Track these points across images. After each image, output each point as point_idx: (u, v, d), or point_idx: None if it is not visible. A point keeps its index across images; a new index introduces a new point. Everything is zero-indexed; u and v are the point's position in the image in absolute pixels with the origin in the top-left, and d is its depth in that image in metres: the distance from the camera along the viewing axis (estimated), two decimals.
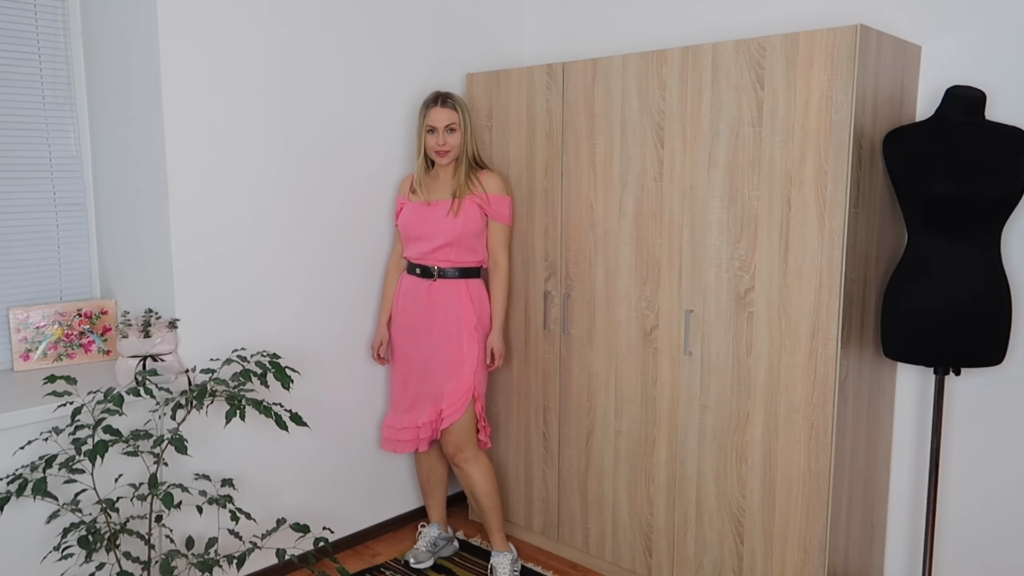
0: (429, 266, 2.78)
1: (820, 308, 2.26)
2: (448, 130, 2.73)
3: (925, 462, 2.59)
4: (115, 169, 2.68)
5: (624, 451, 2.76)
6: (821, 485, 2.31)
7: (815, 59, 2.19)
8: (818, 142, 2.21)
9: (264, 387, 2.53)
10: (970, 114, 2.23)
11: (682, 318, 2.55)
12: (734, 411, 2.46)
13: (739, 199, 2.39)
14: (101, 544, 2.15)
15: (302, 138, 2.77)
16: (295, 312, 2.82)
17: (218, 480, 2.60)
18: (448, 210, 2.73)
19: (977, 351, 2.22)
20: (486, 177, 2.79)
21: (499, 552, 2.85)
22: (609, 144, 2.67)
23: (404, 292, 2.86)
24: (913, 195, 2.23)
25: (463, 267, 2.78)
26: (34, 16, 2.61)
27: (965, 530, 2.54)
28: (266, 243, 2.72)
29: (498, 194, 2.79)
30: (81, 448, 2.11)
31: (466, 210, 2.73)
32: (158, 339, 2.42)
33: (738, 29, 2.84)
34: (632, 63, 2.58)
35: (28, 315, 2.60)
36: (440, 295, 2.77)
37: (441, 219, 2.74)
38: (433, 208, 2.76)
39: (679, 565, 2.66)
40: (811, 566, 2.36)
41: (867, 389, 2.44)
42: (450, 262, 2.77)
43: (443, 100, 2.74)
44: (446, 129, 2.73)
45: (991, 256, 2.21)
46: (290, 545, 2.78)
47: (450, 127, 2.73)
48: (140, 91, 2.50)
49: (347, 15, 2.85)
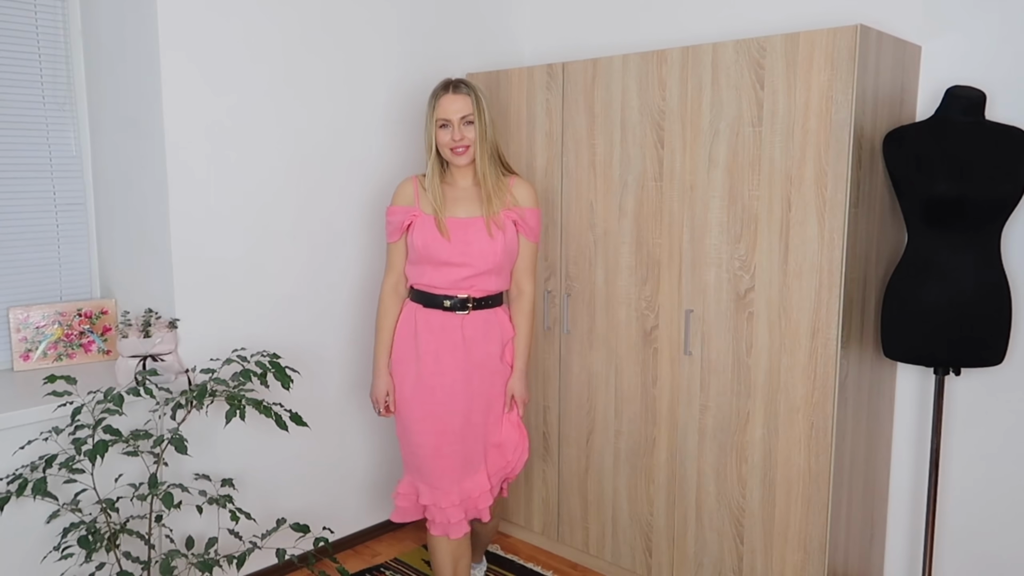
0: (463, 297, 2.30)
1: (820, 308, 2.26)
2: (464, 123, 2.26)
3: (925, 462, 2.59)
4: (115, 169, 2.68)
5: (624, 451, 2.76)
6: (821, 485, 2.31)
7: (815, 59, 2.19)
8: (818, 142, 2.21)
9: (264, 387, 2.53)
10: (970, 114, 2.23)
11: (682, 318, 2.55)
12: (734, 411, 2.46)
13: (739, 199, 2.39)
14: (101, 544, 2.14)
15: (302, 138, 2.77)
16: (295, 312, 2.82)
17: (218, 480, 2.60)
18: (483, 228, 2.28)
19: (977, 351, 2.22)
20: (517, 185, 2.36)
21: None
22: (609, 144, 2.67)
23: (423, 331, 2.33)
24: (913, 195, 2.23)
25: (498, 293, 2.36)
26: (34, 16, 2.61)
27: (965, 530, 2.54)
28: (266, 243, 2.72)
29: (531, 207, 2.36)
30: (81, 448, 2.11)
31: (507, 228, 2.29)
32: (158, 339, 2.42)
33: (738, 29, 2.84)
34: (632, 63, 2.58)
35: (28, 315, 2.60)
36: (478, 330, 2.32)
37: (477, 240, 2.27)
38: (464, 226, 2.28)
39: (679, 565, 2.66)
40: (811, 566, 2.36)
41: (867, 389, 2.44)
42: (487, 291, 2.31)
43: (455, 87, 2.28)
44: (462, 122, 2.26)
45: (991, 256, 2.21)
46: (290, 545, 2.78)
47: (466, 119, 2.26)
48: (140, 91, 2.50)
49: (347, 15, 2.85)
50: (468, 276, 2.29)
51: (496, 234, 2.28)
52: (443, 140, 2.28)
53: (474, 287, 2.30)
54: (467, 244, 2.27)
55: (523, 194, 2.36)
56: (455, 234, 2.28)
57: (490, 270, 2.29)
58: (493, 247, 2.27)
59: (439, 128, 2.29)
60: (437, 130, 2.30)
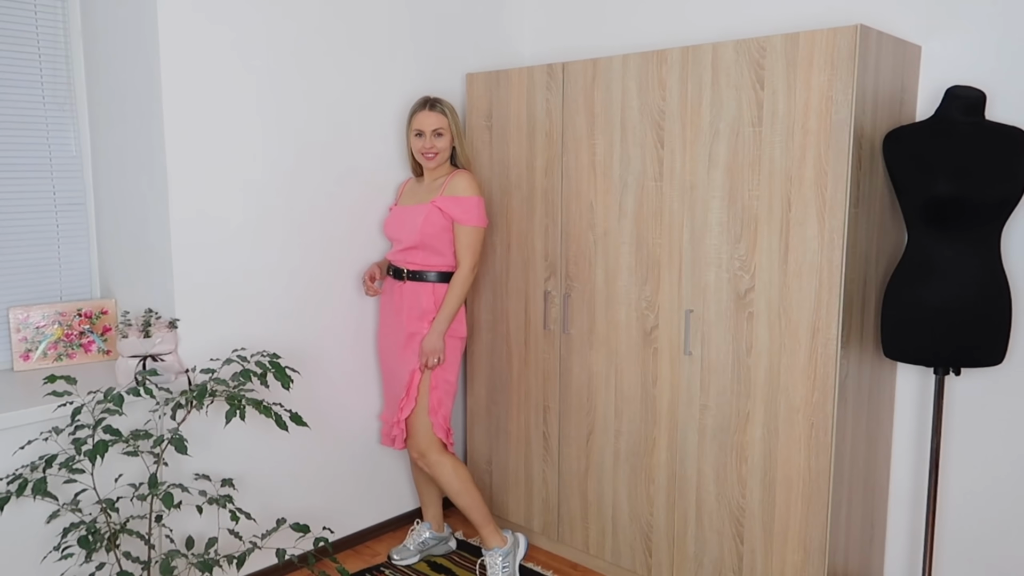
0: (400, 268, 2.81)
1: (820, 308, 2.26)
2: (435, 134, 2.74)
3: (925, 462, 2.59)
4: (115, 169, 2.68)
5: (624, 451, 2.76)
6: (821, 485, 2.31)
7: (815, 59, 2.19)
8: (818, 142, 2.21)
9: (264, 387, 2.53)
10: (970, 114, 2.22)
11: (682, 318, 2.55)
12: (734, 411, 2.46)
13: (739, 199, 2.39)
14: (101, 544, 2.14)
15: (302, 139, 2.77)
16: (295, 312, 2.82)
17: (218, 480, 2.60)
18: (420, 213, 2.74)
19: (977, 351, 2.22)
20: (453, 178, 2.75)
21: (489, 549, 2.82)
22: (609, 144, 2.67)
23: (383, 291, 2.93)
24: (913, 195, 2.23)
25: (430, 270, 2.76)
26: (34, 16, 2.61)
27: (965, 530, 2.54)
28: (266, 243, 2.72)
29: (463, 195, 2.72)
30: (81, 448, 2.11)
31: (428, 213, 2.72)
32: (158, 339, 2.42)
33: (738, 29, 2.84)
34: (632, 63, 2.58)
35: (28, 315, 2.60)
36: (406, 297, 2.78)
37: (410, 222, 2.76)
38: (408, 211, 2.79)
39: (679, 565, 2.66)
40: (811, 566, 2.36)
41: (867, 389, 2.44)
42: (417, 265, 2.76)
43: (431, 105, 2.75)
44: (433, 133, 2.73)
45: (991, 256, 2.21)
46: (290, 545, 2.78)
47: (437, 131, 2.74)
48: (140, 91, 2.50)
49: (347, 15, 2.85)
50: (400, 250, 2.81)
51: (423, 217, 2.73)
52: (416, 146, 2.79)
53: (406, 260, 2.79)
54: (403, 224, 2.79)
55: (456, 185, 2.74)
56: (399, 217, 2.83)
57: (414, 246, 2.75)
58: (415, 227, 2.73)
59: (415, 136, 2.78)
60: (413, 138, 2.79)
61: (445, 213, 2.71)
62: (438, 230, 2.72)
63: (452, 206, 2.71)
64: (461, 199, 2.72)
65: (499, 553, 2.81)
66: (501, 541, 2.84)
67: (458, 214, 2.71)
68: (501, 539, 2.84)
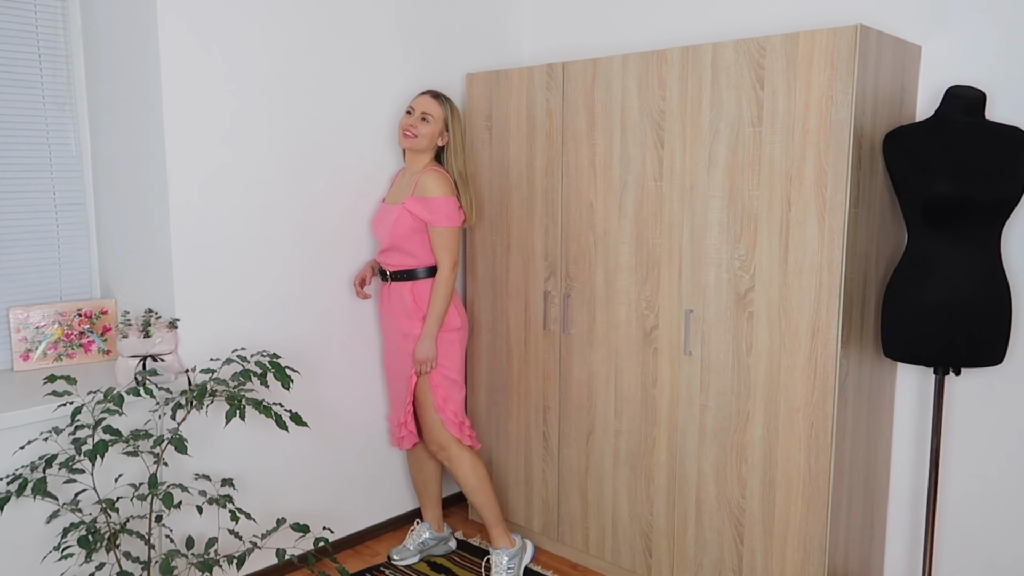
0: (384, 268, 2.81)
1: (820, 308, 2.26)
2: (422, 117, 2.70)
3: (925, 462, 2.59)
4: (115, 169, 2.68)
5: (624, 451, 2.76)
6: (821, 485, 2.31)
7: (815, 59, 2.19)
8: (818, 142, 2.21)
9: (264, 387, 2.53)
10: (970, 114, 2.23)
11: (682, 318, 2.55)
12: (734, 411, 2.46)
13: (739, 199, 2.39)
14: (101, 544, 2.14)
15: (302, 138, 2.77)
16: (295, 312, 2.82)
17: (218, 480, 2.60)
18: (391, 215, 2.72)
19: (977, 351, 2.22)
20: (423, 176, 2.69)
21: (496, 549, 2.83)
22: (609, 144, 2.67)
23: (380, 292, 2.92)
24: (913, 195, 2.23)
25: (407, 270, 2.74)
26: (34, 16, 2.61)
27: (965, 530, 2.54)
28: (266, 243, 2.72)
29: (431, 195, 2.66)
30: (81, 448, 2.11)
31: (399, 215, 2.69)
32: (158, 339, 2.42)
33: (738, 29, 2.84)
34: (632, 63, 2.58)
35: (28, 315, 2.60)
36: (394, 297, 2.78)
37: (386, 224, 2.74)
38: (386, 211, 2.77)
39: (679, 565, 2.66)
40: (811, 566, 2.36)
41: (867, 389, 2.44)
42: (395, 265, 2.76)
43: (435, 94, 2.74)
44: (421, 115, 2.70)
45: (991, 256, 2.21)
46: (290, 545, 2.78)
47: (425, 115, 2.69)
48: (140, 91, 2.50)
49: (348, 15, 2.85)
50: (381, 251, 2.81)
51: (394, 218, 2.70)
52: (401, 122, 2.75)
53: (387, 261, 2.79)
54: (382, 225, 2.77)
55: (424, 185, 2.68)
56: (380, 218, 2.81)
57: (391, 247, 2.74)
58: (388, 228, 2.72)
59: (405, 114, 2.75)
60: (404, 116, 2.76)
61: (415, 215, 2.67)
62: (408, 231, 2.69)
63: (420, 208, 2.66)
64: (429, 200, 2.66)
65: (506, 553, 2.82)
66: (509, 543, 2.85)
67: (427, 216, 2.66)
68: (510, 541, 2.85)
